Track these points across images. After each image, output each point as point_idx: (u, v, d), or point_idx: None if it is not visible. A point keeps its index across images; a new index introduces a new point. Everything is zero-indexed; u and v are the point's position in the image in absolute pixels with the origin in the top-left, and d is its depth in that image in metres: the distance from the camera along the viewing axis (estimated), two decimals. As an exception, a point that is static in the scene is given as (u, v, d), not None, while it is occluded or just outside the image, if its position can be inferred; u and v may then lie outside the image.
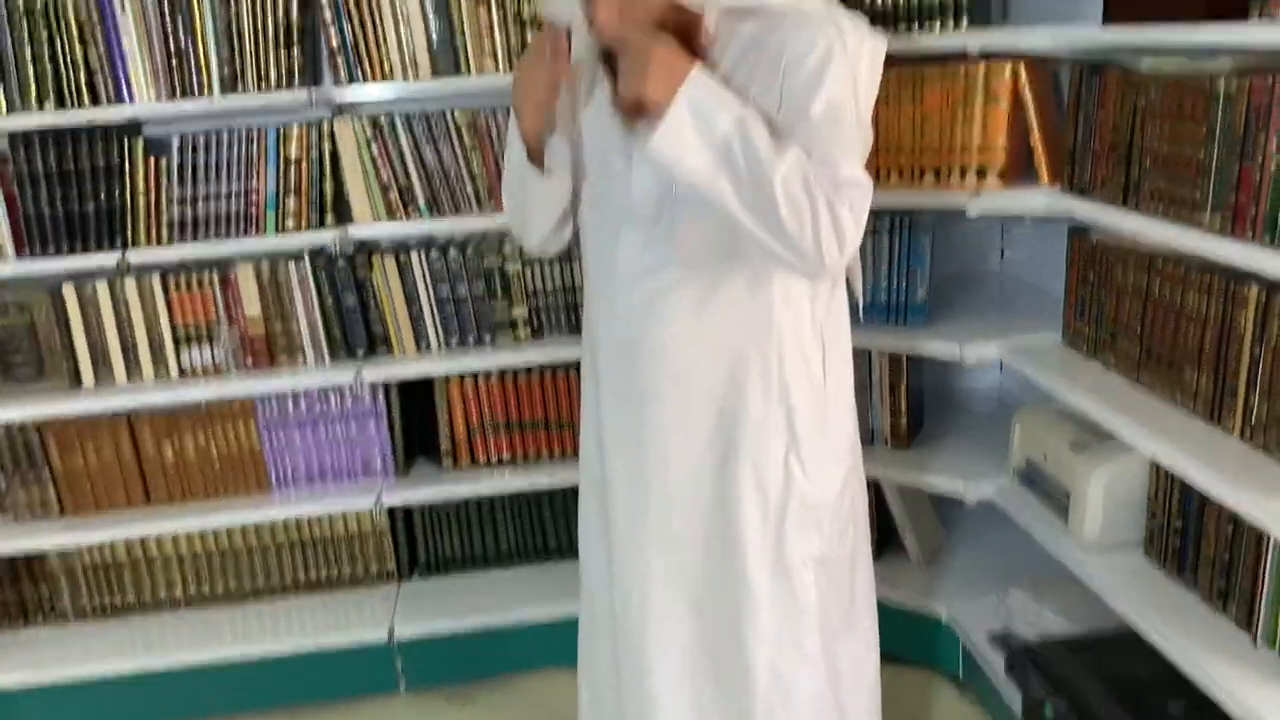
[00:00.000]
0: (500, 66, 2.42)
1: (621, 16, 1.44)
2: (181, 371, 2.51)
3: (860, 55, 1.50)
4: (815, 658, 1.62)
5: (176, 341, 2.50)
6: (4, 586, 2.60)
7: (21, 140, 2.35)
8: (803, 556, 1.59)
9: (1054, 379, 1.99)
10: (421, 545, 2.71)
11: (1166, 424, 1.73)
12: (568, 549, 2.71)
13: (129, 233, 2.42)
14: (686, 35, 1.47)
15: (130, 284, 2.46)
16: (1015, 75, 2.11)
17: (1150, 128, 1.76)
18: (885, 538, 2.62)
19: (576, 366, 1.84)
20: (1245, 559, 1.65)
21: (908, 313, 2.38)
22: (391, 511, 2.65)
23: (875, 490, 2.53)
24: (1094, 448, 1.97)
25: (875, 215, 2.34)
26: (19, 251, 2.41)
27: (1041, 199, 2.09)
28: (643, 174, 1.54)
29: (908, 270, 2.37)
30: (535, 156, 1.62)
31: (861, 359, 2.47)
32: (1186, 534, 1.79)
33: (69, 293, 2.45)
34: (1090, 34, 1.89)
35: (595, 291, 1.66)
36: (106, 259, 2.41)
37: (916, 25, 2.16)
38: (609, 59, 1.52)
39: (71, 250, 2.40)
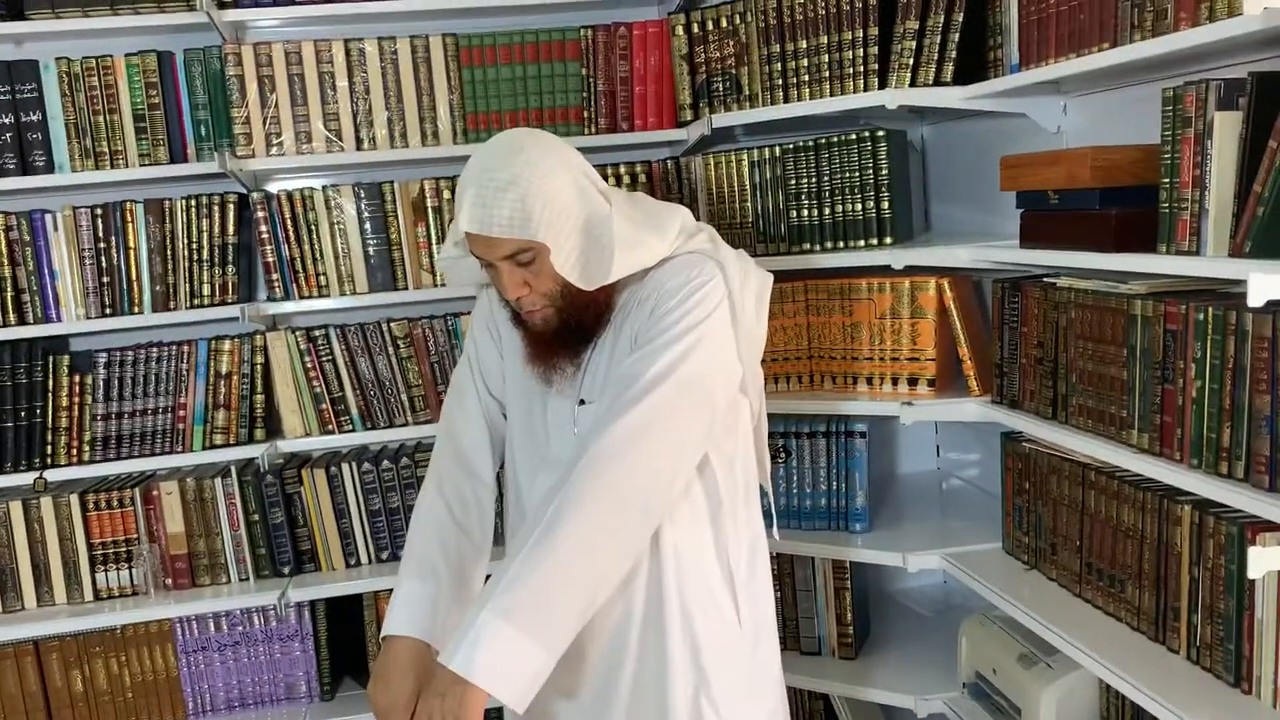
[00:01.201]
0: (437, 280, 2.44)
1: (531, 288, 1.46)
2: (96, 594, 2.40)
3: (746, 292, 1.53)
4: None
5: (93, 562, 2.39)
6: (-115, 837, 2.38)
7: (-59, 358, 2.30)
8: None
9: (997, 592, 1.97)
10: (348, 774, 2.55)
11: (1111, 642, 1.70)
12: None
13: (48, 450, 2.35)
14: (590, 295, 1.49)
15: (46, 503, 2.36)
16: (940, 289, 2.17)
17: (1074, 345, 1.81)
18: (836, 753, 2.52)
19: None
20: (1203, 785, 1.59)
21: (848, 518, 2.37)
22: (317, 739, 2.50)
23: (824, 702, 2.45)
24: (1042, 663, 1.93)
25: (811, 420, 2.36)
26: (-70, 472, 2.32)
27: (972, 409, 2.12)
28: (558, 426, 1.55)
29: (846, 475, 2.36)
30: None
31: (805, 566, 2.44)
32: (1142, 756, 1.74)
33: (-20, 513, 2.35)
34: (1007, 254, 1.96)
35: (512, 525, 1.65)
36: (23, 478, 2.32)
37: (844, 242, 2.23)
38: (519, 320, 1.55)
39: (-14, 470, 2.32)
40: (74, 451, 2.35)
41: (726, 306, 1.48)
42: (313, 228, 2.40)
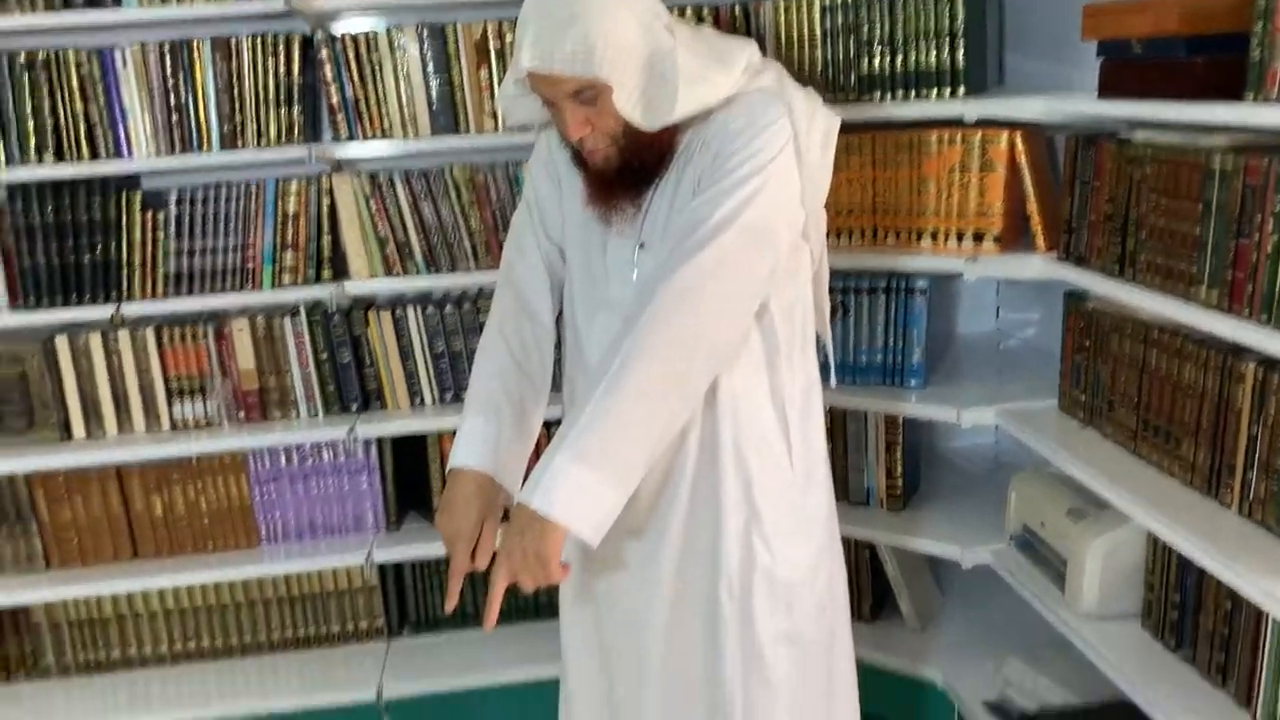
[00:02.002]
0: (499, 125, 2.43)
1: (594, 127, 1.45)
2: (173, 424, 2.50)
3: (813, 133, 1.51)
4: None
5: (169, 394, 2.48)
6: (-13, 640, 2.57)
7: (20, 192, 2.35)
8: (772, 636, 1.56)
9: (1051, 447, 1.99)
10: (412, 602, 2.68)
11: (1163, 497, 1.72)
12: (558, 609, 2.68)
13: (124, 285, 2.42)
14: (653, 134, 1.48)
15: (124, 336, 2.45)
16: (1011, 143, 2.12)
17: (1146, 201, 1.77)
18: (880, 600, 2.60)
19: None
20: (1244, 635, 1.63)
21: (904, 374, 2.38)
22: (382, 568, 2.62)
23: (870, 552, 2.52)
24: (1091, 516, 1.96)
25: (871, 276, 2.35)
26: (13, 303, 2.40)
27: (1037, 265, 2.10)
28: (618, 269, 1.56)
29: (904, 332, 2.37)
30: None
31: (857, 420, 2.47)
32: (1185, 607, 1.78)
33: (62, 345, 2.44)
34: (1084, 105, 1.91)
35: (575, 380, 1.67)
36: (101, 311, 2.40)
37: (914, 92, 2.18)
38: (580, 159, 1.54)
39: (66, 303, 2.40)
40: (149, 286, 2.42)
41: (792, 149, 1.47)
42: (376, 69, 2.38)
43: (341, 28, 2.45)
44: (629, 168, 1.50)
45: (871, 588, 2.56)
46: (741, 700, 1.57)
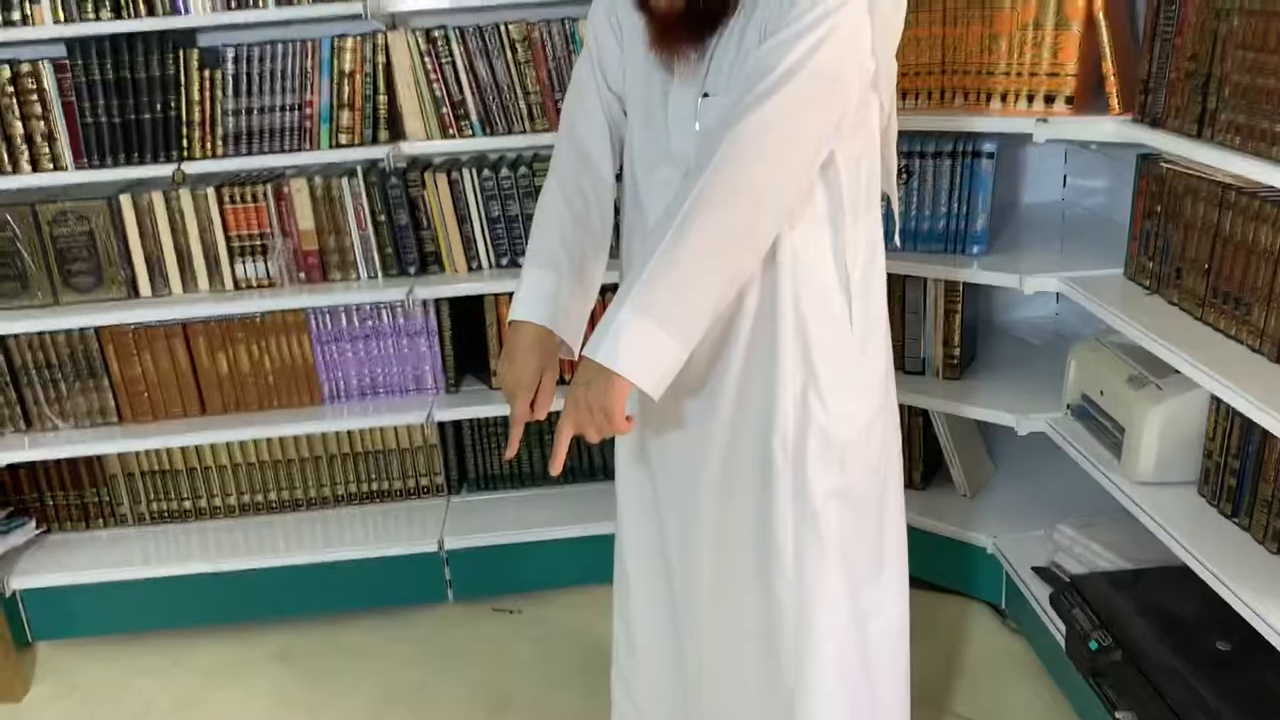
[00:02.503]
0: (557, -20, 2.37)
1: None
2: (236, 284, 2.54)
3: None
4: (836, 598, 1.59)
5: (231, 254, 2.52)
6: (67, 489, 2.67)
7: (79, 49, 2.35)
8: (825, 493, 1.56)
9: (1115, 313, 1.96)
10: (470, 461, 2.75)
11: (1230, 362, 1.70)
12: (612, 470, 2.72)
13: (184, 144, 2.43)
14: None
15: (185, 195, 2.47)
16: (1090, -2, 2.03)
17: (1231, 57, 1.70)
18: (932, 467, 2.61)
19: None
20: (1304, 501, 1.63)
21: (966, 241, 2.34)
22: (442, 427, 2.68)
23: (924, 419, 2.52)
24: (1152, 384, 1.94)
25: (938, 139, 2.30)
26: (77, 161, 2.42)
27: (1111, 127, 2.03)
28: (679, 110, 1.52)
29: (969, 197, 2.32)
30: None
31: (916, 288, 2.44)
32: (1244, 474, 1.77)
33: (126, 203, 2.47)
34: (1173, -45, 1.81)
35: (633, 231, 1.64)
36: (162, 170, 2.42)
37: (989, -58, 2.09)
38: (645, 7, 1.49)
39: (129, 161, 2.42)
40: (208, 146, 2.43)
41: (862, 16, 1.42)
42: (432, -80, 2.33)
43: (395, -123, 2.38)
44: (694, 10, 1.45)
45: (924, 455, 2.58)
46: (793, 554, 1.59)
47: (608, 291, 1.56)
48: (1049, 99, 2.11)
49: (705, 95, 1.49)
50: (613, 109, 1.67)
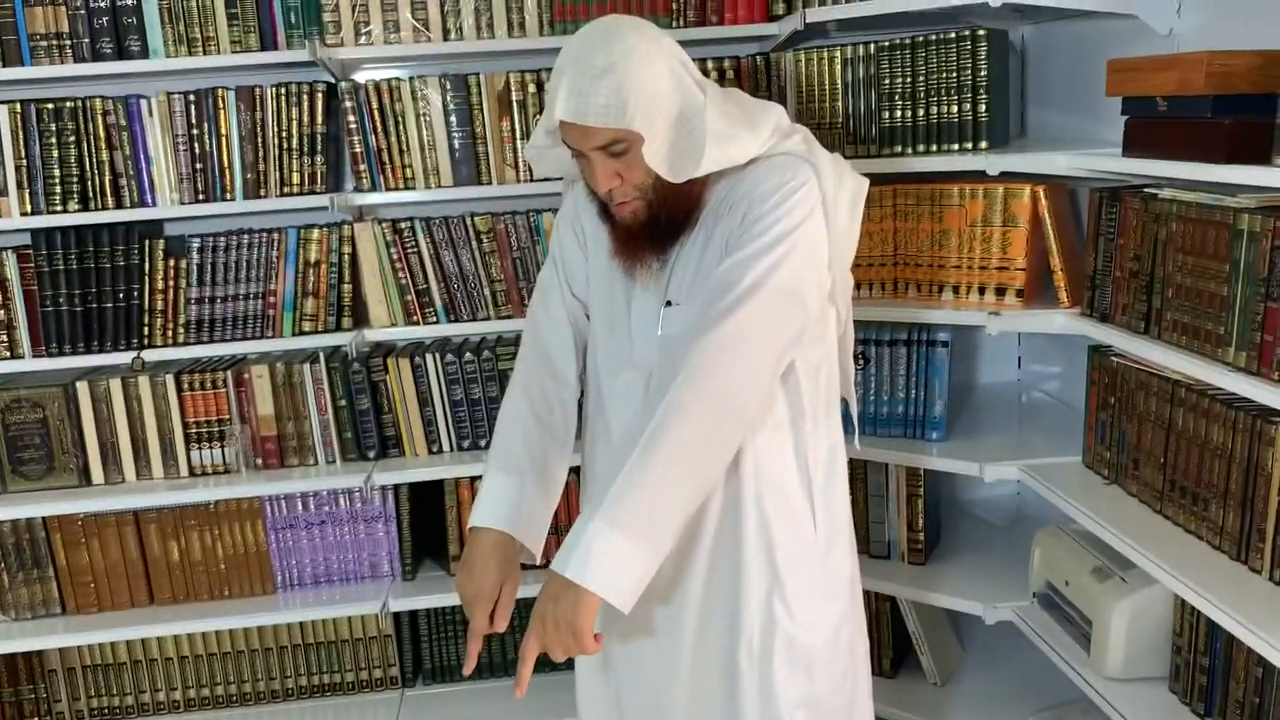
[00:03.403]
0: (520, 176, 2.44)
1: (623, 179, 1.46)
2: (191, 470, 2.50)
3: (840, 196, 1.50)
4: None
5: (188, 440, 2.49)
6: (2, 685, 2.55)
7: (44, 238, 2.37)
8: (792, 702, 1.53)
9: (1075, 505, 1.96)
10: (427, 651, 2.66)
11: (1191, 560, 1.69)
12: (573, 660, 2.65)
13: (145, 332, 2.43)
14: (682, 188, 1.48)
15: (144, 382, 2.46)
16: (1035, 197, 2.11)
17: (1172, 259, 1.76)
18: (901, 655, 2.56)
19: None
20: (1276, 704, 1.60)
21: (925, 426, 2.36)
22: (397, 617, 2.61)
23: (891, 606, 2.48)
24: (1116, 576, 1.93)
25: (893, 328, 2.34)
26: (35, 348, 2.41)
27: (1061, 321, 2.08)
28: (640, 319, 1.55)
29: (925, 384, 2.35)
30: None
31: (878, 472, 2.45)
32: (1214, 672, 1.75)
33: (83, 390, 2.45)
34: (1109, 163, 1.90)
35: (595, 434, 1.65)
36: (122, 357, 2.41)
37: (936, 145, 2.17)
38: (607, 213, 1.54)
39: (88, 349, 2.41)
40: (169, 333, 2.43)
41: (820, 212, 1.47)
42: (399, 119, 2.40)
43: (365, 77, 2.47)
44: (656, 222, 1.50)
45: (892, 641, 2.53)
46: None
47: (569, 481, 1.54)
48: (1000, 291, 2.17)
49: (668, 303, 1.52)
50: (576, 314, 1.70)
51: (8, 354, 2.41)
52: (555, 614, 1.34)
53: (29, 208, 2.34)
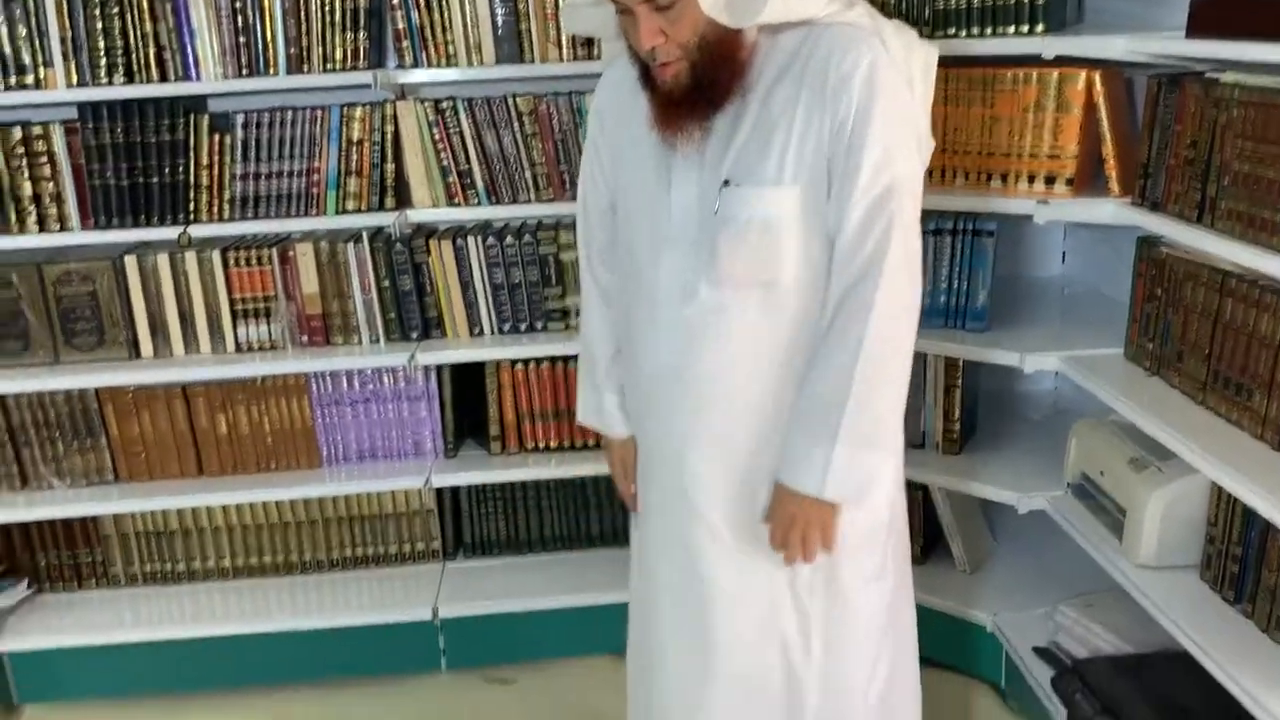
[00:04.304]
0: (563, 55, 2.41)
1: (668, 37, 1.43)
2: (238, 346, 2.54)
3: (911, 67, 1.49)
4: (865, 661, 1.64)
5: (234, 316, 2.52)
6: (60, 549, 2.65)
7: (90, 111, 2.38)
8: (852, 576, 1.59)
9: (1115, 395, 1.96)
10: (467, 526, 2.74)
11: (1231, 449, 1.70)
12: (610, 537, 2.72)
13: (191, 207, 2.44)
14: (728, 49, 1.45)
15: (190, 258, 2.48)
16: (1090, 83, 2.07)
17: (1230, 145, 1.72)
18: (931, 542, 2.60)
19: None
20: (1307, 591, 1.62)
21: (967, 317, 2.35)
22: (439, 492, 2.67)
23: (923, 494, 2.51)
24: (1153, 467, 1.94)
25: (939, 217, 2.32)
26: (84, 222, 2.44)
27: (1111, 210, 2.05)
28: (682, 193, 1.54)
29: (969, 274, 2.34)
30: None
31: (917, 362, 2.44)
32: (1246, 561, 1.77)
33: (131, 264, 2.48)
34: (1171, 45, 1.84)
35: (637, 315, 1.65)
36: (168, 233, 2.44)
37: (990, 28, 2.12)
38: (648, 78, 1.51)
39: (135, 223, 2.43)
40: (215, 209, 2.45)
41: (905, 89, 1.46)
42: (442, -6, 2.37)
43: (408, -49, 2.42)
44: (699, 86, 1.47)
45: (923, 529, 2.56)
46: (822, 632, 1.60)
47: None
48: (1049, 180, 2.13)
49: (726, 183, 1.50)
50: (616, 195, 1.70)
51: (57, 226, 2.44)
52: (805, 527, 1.52)
53: (75, 79, 2.34)
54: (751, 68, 1.48)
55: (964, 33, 2.14)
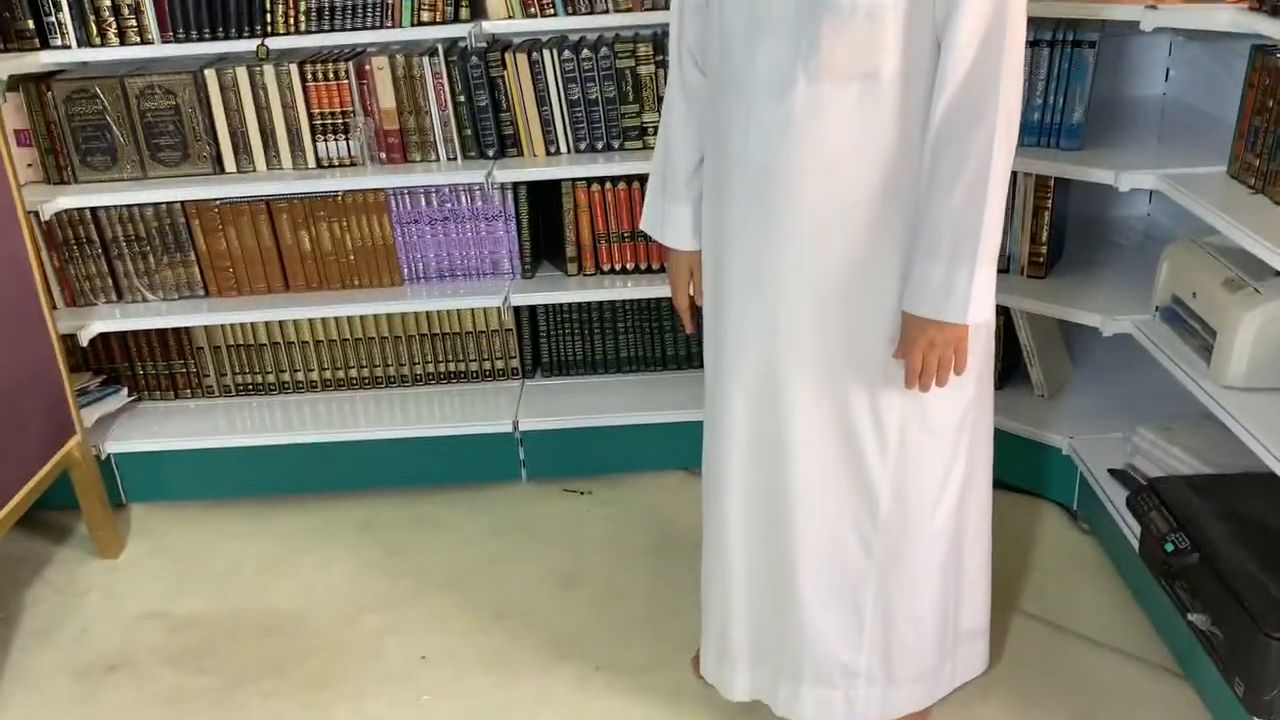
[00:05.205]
0: None
1: None
2: (318, 162, 2.55)
3: None
4: (938, 467, 1.66)
5: (313, 131, 2.53)
6: (156, 359, 2.76)
7: (164, -81, 2.34)
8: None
9: (1216, 212, 1.88)
10: (545, 346, 2.78)
11: (1337, 266, 1.64)
12: (684, 359, 2.75)
13: (268, 18, 2.42)
14: None
15: (269, 71, 2.47)
16: (1214, -127, 1.91)
17: (1367, -62, 1.59)
18: (1011, 366, 2.58)
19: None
20: (1404, 411, 1.58)
21: (1061, 134, 2.26)
22: (517, 311, 2.70)
23: (1005, 317, 2.48)
24: (1250, 287, 1.89)
25: (1036, 26, 2.20)
26: (163, 35, 2.43)
27: (1227, 16, 1.92)
28: None
29: (1066, 88, 2.23)
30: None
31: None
32: (1341, 381, 1.73)
33: (211, 78, 2.48)
34: None
35: (728, 110, 1.60)
36: (246, 45, 2.42)
37: None
38: None
39: (214, 35, 2.42)
40: (291, 20, 2.42)
41: None
42: None
43: None
44: None
45: (1003, 354, 2.54)
46: (898, 432, 1.62)
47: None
48: (1159, -16, 2.00)
49: None
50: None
51: (137, 39, 2.43)
52: (941, 350, 1.53)
53: (147, -116, 2.30)
54: None
55: None
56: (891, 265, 1.55)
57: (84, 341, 2.57)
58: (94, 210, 2.56)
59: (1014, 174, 2.30)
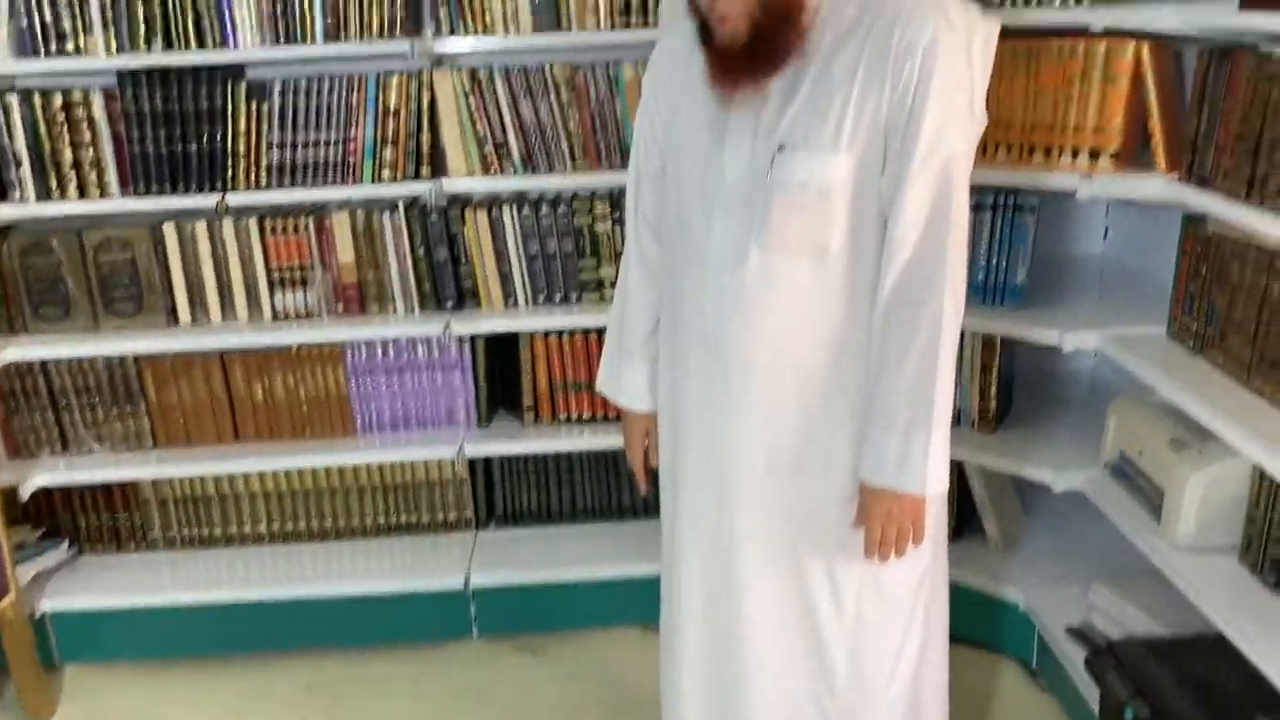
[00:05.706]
0: (601, 23, 2.39)
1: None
2: (274, 314, 2.56)
3: (972, 42, 1.47)
4: (895, 634, 1.64)
5: (271, 284, 2.54)
6: (100, 512, 2.69)
7: (130, 79, 2.39)
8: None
9: (1156, 374, 1.93)
10: (499, 496, 2.75)
11: (1275, 430, 1.67)
12: (641, 509, 2.73)
13: (229, 175, 2.45)
14: (789, 10, 1.44)
15: (228, 225, 2.50)
16: (1138, 55, 2.02)
17: (1283, 121, 1.68)
18: (964, 519, 2.58)
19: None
20: (1350, 577, 1.59)
21: (1005, 294, 2.32)
22: (472, 462, 2.68)
23: (957, 470, 2.49)
24: (1194, 448, 1.92)
25: (979, 191, 2.28)
26: (123, 189, 2.46)
27: (1157, 186, 2.01)
28: (735, 155, 1.52)
29: (1009, 250, 2.30)
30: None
31: (953, 338, 2.42)
32: (1288, 545, 1.74)
33: (169, 231, 2.50)
34: (1224, 17, 1.80)
35: (684, 280, 1.64)
36: (206, 200, 2.45)
37: (1037, -2, 2.08)
38: (706, 34, 1.49)
39: (174, 190, 2.45)
40: (252, 177, 2.46)
41: (967, 64, 1.46)
42: (480, -38, 2.35)
43: (445, -82, 2.40)
44: (756, 43, 1.45)
45: (956, 507, 2.54)
46: (854, 602, 1.62)
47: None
48: (1093, 155, 2.09)
49: (781, 148, 1.48)
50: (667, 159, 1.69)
51: (98, 193, 2.45)
52: (900, 524, 1.52)
53: (114, 46, 2.35)
54: (812, 31, 1.47)
55: (1011, 2, 2.11)
56: (847, 431, 1.56)
57: (24, 496, 2.51)
58: (44, 363, 2.53)
59: (961, 332, 2.37)
